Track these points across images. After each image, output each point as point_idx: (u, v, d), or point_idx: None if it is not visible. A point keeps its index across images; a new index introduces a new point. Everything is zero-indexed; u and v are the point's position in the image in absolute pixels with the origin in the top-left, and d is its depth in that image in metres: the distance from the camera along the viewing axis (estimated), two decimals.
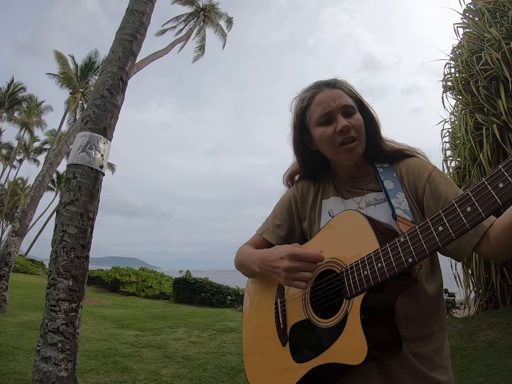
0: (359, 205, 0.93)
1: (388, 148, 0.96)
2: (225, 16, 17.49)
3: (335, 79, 0.96)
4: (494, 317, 4.42)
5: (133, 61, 3.48)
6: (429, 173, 0.88)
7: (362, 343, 0.67)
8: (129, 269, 14.01)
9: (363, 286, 0.71)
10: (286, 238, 1.01)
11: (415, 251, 0.65)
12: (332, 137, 0.88)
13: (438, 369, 0.81)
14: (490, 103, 4.55)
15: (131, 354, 4.50)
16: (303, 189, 1.03)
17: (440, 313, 0.86)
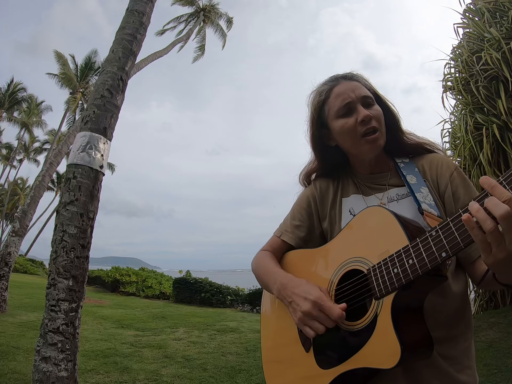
0: (381, 201, 0.90)
1: (409, 142, 0.94)
2: (225, 16, 17.49)
3: (351, 72, 0.94)
4: (494, 317, 4.42)
5: (133, 61, 3.48)
6: (451, 172, 0.87)
7: (394, 346, 0.64)
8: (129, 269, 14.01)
9: (394, 285, 0.67)
10: (305, 239, 0.98)
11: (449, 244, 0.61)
12: (354, 128, 0.86)
13: (466, 370, 0.79)
14: (490, 103, 4.55)
15: (131, 354, 4.50)
16: (322, 187, 1.00)
17: (467, 311, 0.84)
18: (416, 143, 0.94)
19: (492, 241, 0.53)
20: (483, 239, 0.54)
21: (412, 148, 0.94)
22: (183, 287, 10.97)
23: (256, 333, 6.16)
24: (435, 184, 0.87)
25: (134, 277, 12.98)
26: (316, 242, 0.97)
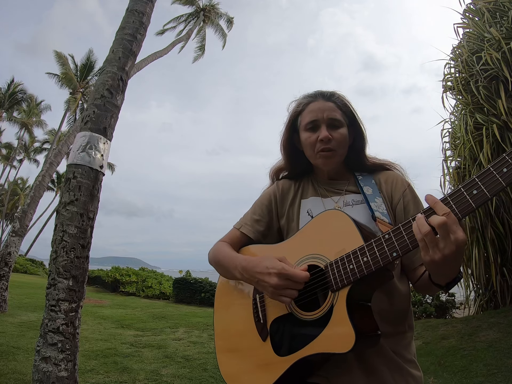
0: (337, 204, 0.99)
1: (370, 163, 1.05)
2: (225, 16, 17.49)
3: (334, 92, 1.03)
4: (494, 317, 4.42)
5: (133, 61, 3.48)
6: (404, 188, 0.98)
7: (349, 332, 0.72)
8: (129, 269, 14.01)
9: (349, 278, 0.76)
10: (263, 234, 1.05)
11: (399, 245, 0.72)
12: (314, 143, 0.98)
13: (409, 363, 0.88)
14: (490, 103, 4.55)
15: (131, 354, 4.49)
16: (284, 188, 1.09)
17: (410, 312, 0.94)
18: (376, 164, 1.05)
19: (428, 242, 0.65)
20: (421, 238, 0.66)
21: (372, 166, 1.05)
22: (183, 287, 10.97)
23: None
24: (389, 197, 0.98)
25: (134, 277, 12.97)
26: (273, 238, 1.06)
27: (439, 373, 3.33)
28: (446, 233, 0.64)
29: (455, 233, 0.64)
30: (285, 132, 1.08)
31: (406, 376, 0.86)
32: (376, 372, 0.84)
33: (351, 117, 1.02)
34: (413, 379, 0.87)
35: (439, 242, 0.65)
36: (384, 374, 0.84)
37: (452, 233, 0.64)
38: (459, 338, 4.11)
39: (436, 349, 3.94)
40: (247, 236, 1.04)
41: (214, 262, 1.04)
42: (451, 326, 4.60)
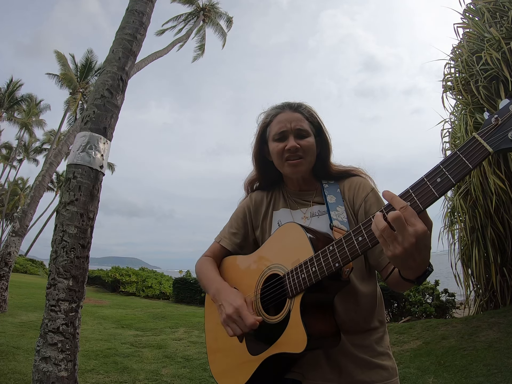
0: (305, 215, 1.06)
1: (334, 171, 1.10)
2: (225, 15, 17.48)
3: (300, 103, 1.08)
4: (494, 317, 4.42)
5: (133, 61, 3.48)
6: (366, 193, 1.02)
7: (302, 335, 0.79)
8: (129, 269, 14.01)
9: (301, 287, 0.83)
10: (241, 245, 1.14)
11: (341, 257, 0.77)
12: (281, 152, 1.03)
13: (381, 356, 0.96)
14: (490, 103, 4.55)
15: (131, 354, 4.49)
16: (257, 200, 1.16)
17: (377, 309, 1.00)
18: (341, 171, 1.11)
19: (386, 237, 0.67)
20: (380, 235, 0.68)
21: (337, 173, 1.10)
22: (183, 287, 10.97)
23: None
24: (352, 203, 1.03)
25: (134, 277, 12.97)
26: (250, 248, 1.14)
27: (439, 373, 3.33)
28: (403, 227, 0.64)
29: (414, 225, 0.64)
30: (255, 144, 1.12)
31: (376, 369, 0.93)
32: (345, 369, 0.92)
33: (318, 127, 1.07)
34: (384, 370, 0.94)
35: (397, 236, 0.65)
36: (353, 370, 0.91)
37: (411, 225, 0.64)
38: (459, 338, 4.11)
39: (436, 349, 3.94)
40: (226, 248, 1.14)
41: (198, 276, 1.14)
42: (451, 326, 4.60)
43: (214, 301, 1.00)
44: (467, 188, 4.95)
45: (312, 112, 1.08)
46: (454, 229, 5.53)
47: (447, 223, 5.53)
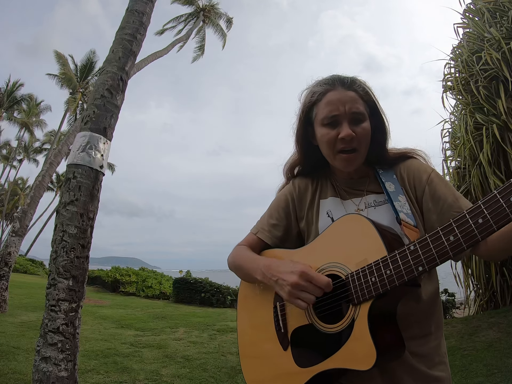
0: (358, 207, 0.91)
1: (390, 156, 0.95)
2: (225, 16, 17.48)
3: (354, 78, 0.89)
4: (494, 317, 4.42)
5: (133, 61, 3.48)
6: (428, 175, 0.88)
7: (370, 349, 0.68)
8: (129, 269, 14.00)
9: (371, 293, 0.71)
10: (282, 239, 0.98)
11: (426, 259, 0.65)
12: (333, 141, 0.86)
13: (438, 366, 0.82)
14: (490, 103, 4.54)
15: (131, 354, 4.49)
16: (301, 187, 1.00)
17: (437, 312, 0.87)
18: (396, 154, 0.95)
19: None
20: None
21: (392, 159, 0.95)
22: (183, 287, 10.96)
23: None
24: (413, 190, 0.89)
25: (134, 277, 12.97)
26: (292, 242, 0.98)
27: None
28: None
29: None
30: (298, 125, 0.95)
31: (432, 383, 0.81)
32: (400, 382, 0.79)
33: (372, 106, 0.89)
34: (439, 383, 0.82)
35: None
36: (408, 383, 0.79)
37: None
38: (459, 338, 4.10)
39: None
40: (264, 241, 0.98)
41: (234, 266, 0.99)
42: (451, 326, 4.60)
43: (265, 280, 0.85)
44: (467, 188, 4.95)
45: (367, 90, 0.89)
46: None
47: None
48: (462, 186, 5.07)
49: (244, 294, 1.01)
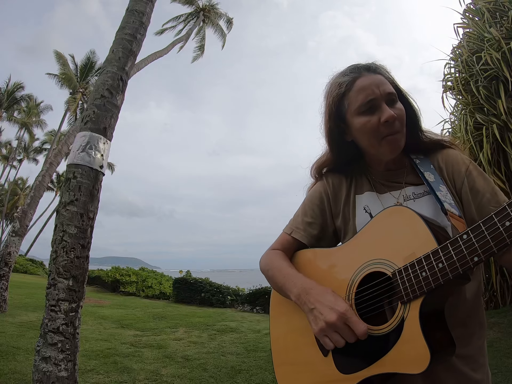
0: (398, 200, 0.86)
1: (427, 140, 0.90)
2: (225, 16, 17.49)
3: (374, 63, 0.87)
4: (494, 317, 4.42)
5: (133, 61, 3.48)
6: (466, 166, 0.84)
7: (424, 351, 0.63)
8: (129, 269, 14.01)
9: (423, 289, 0.66)
10: (318, 237, 0.94)
11: (481, 248, 0.60)
12: (376, 128, 0.81)
13: (482, 368, 0.79)
14: (490, 103, 4.55)
15: (131, 354, 4.49)
16: (335, 183, 0.95)
17: (481, 310, 0.83)
18: (433, 141, 0.91)
19: None
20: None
21: (428, 145, 0.90)
22: (183, 287, 10.97)
23: (256, 333, 6.15)
24: (451, 181, 0.84)
25: (134, 277, 12.98)
26: (328, 240, 0.94)
27: None
28: None
29: None
30: (328, 122, 0.90)
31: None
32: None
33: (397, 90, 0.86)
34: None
35: None
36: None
37: None
38: None
39: None
40: (299, 241, 0.93)
41: (267, 275, 0.93)
42: None
43: (299, 303, 0.80)
44: None
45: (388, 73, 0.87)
46: None
47: None
48: None
49: (278, 299, 0.94)
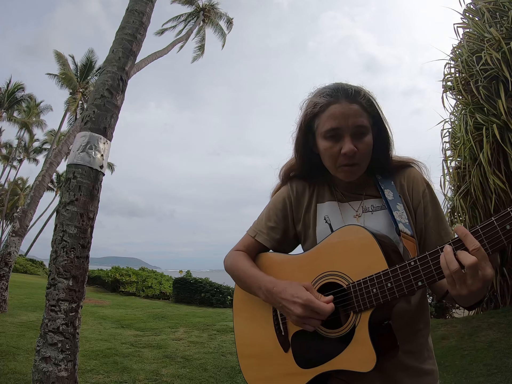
0: (357, 212, 0.93)
1: (392, 165, 0.95)
2: (225, 16, 17.48)
3: (358, 88, 0.87)
4: (494, 317, 4.42)
5: (133, 61, 3.48)
6: (424, 188, 0.92)
7: (371, 354, 0.73)
8: (129, 269, 14.02)
9: (372, 303, 0.76)
10: (280, 241, 0.99)
11: (425, 276, 0.70)
12: (336, 156, 0.86)
13: (428, 360, 0.90)
14: (490, 103, 4.55)
15: (131, 354, 4.49)
16: (298, 190, 1.00)
17: (425, 310, 0.92)
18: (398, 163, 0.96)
19: (456, 279, 0.65)
20: (449, 275, 0.65)
21: (393, 166, 0.96)
22: (183, 287, 10.97)
23: None
24: (410, 197, 0.92)
25: (134, 277, 12.98)
26: (290, 244, 1.01)
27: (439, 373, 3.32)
28: (475, 272, 0.63)
29: (484, 269, 0.63)
30: (298, 135, 0.94)
31: (423, 376, 0.88)
32: (394, 378, 0.84)
33: (376, 117, 0.88)
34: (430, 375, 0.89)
35: (467, 279, 0.64)
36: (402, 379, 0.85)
37: (481, 270, 0.63)
38: (459, 338, 4.11)
39: (436, 349, 3.92)
40: (262, 244, 0.99)
41: (232, 274, 0.99)
42: (451, 326, 4.60)
43: (269, 303, 0.88)
44: (467, 188, 4.96)
45: (372, 101, 0.87)
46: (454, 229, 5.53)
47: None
48: (462, 186, 5.08)
49: (241, 297, 1.01)
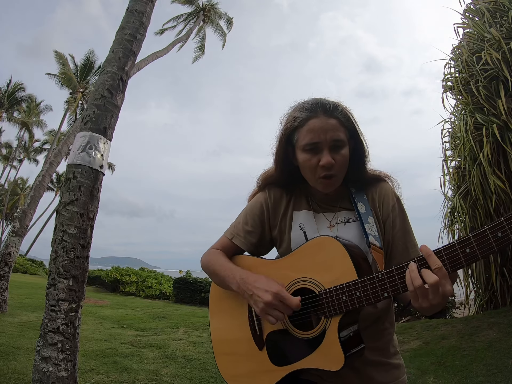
0: (330, 223, 0.99)
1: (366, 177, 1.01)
2: (225, 16, 17.48)
3: (337, 104, 0.92)
4: (494, 317, 4.42)
5: (133, 61, 3.48)
6: (393, 202, 0.98)
7: (339, 355, 0.81)
8: (129, 269, 14.02)
9: (342, 309, 0.82)
10: (256, 245, 1.04)
11: (391, 288, 0.78)
12: (314, 168, 0.91)
13: (394, 355, 0.98)
14: (490, 103, 4.55)
15: (131, 354, 4.49)
16: (276, 197, 1.04)
17: (391, 312, 1.00)
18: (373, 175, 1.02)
19: (419, 294, 0.71)
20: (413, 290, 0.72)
21: (368, 178, 1.01)
22: (183, 287, 10.98)
23: None
24: (380, 210, 0.98)
25: (134, 277, 12.98)
26: (265, 247, 1.07)
27: (439, 373, 3.33)
28: (437, 289, 0.70)
29: (444, 286, 0.70)
30: (278, 147, 0.98)
31: (391, 370, 0.96)
32: (364, 372, 0.92)
33: (352, 130, 0.94)
34: (397, 369, 0.97)
35: (428, 294, 0.71)
36: (371, 373, 0.93)
37: (441, 287, 0.70)
38: (459, 338, 4.11)
39: (436, 349, 3.94)
40: (239, 247, 1.03)
41: (208, 270, 1.04)
42: (451, 326, 4.60)
43: (240, 292, 0.91)
44: (467, 188, 4.96)
45: (349, 115, 0.93)
46: (454, 229, 5.53)
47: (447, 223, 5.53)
48: (462, 186, 5.08)
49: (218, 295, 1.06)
